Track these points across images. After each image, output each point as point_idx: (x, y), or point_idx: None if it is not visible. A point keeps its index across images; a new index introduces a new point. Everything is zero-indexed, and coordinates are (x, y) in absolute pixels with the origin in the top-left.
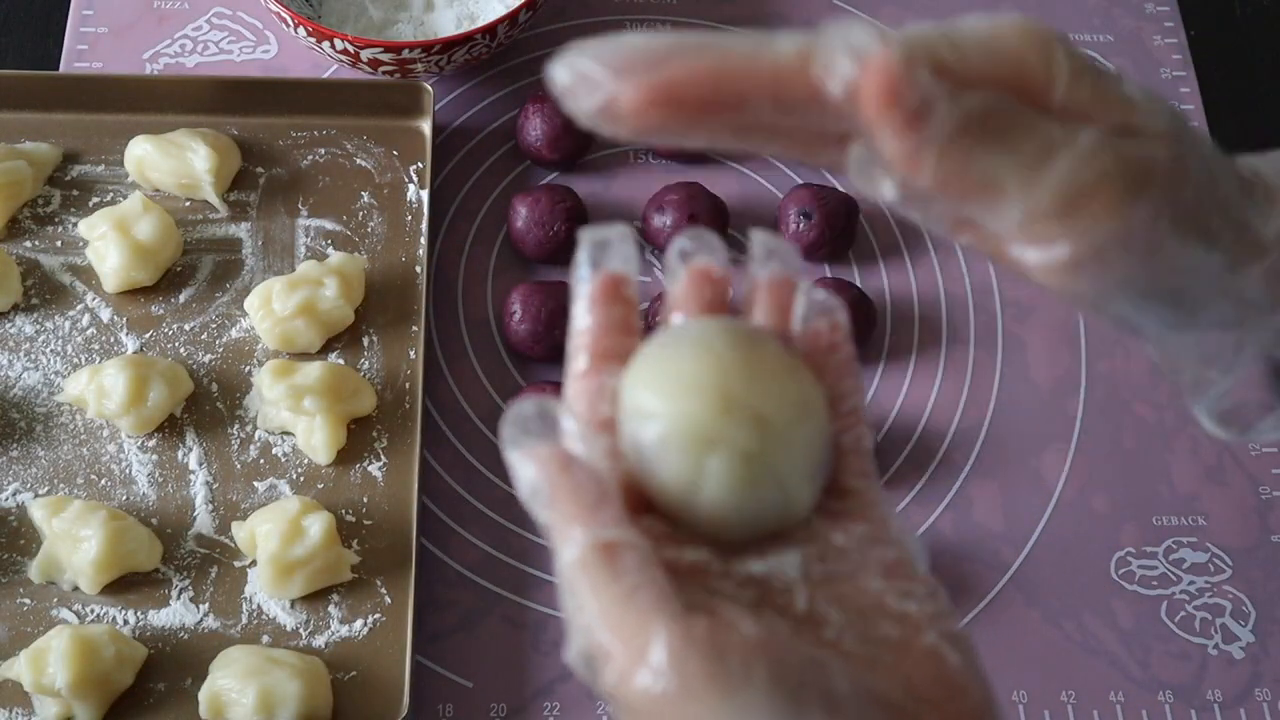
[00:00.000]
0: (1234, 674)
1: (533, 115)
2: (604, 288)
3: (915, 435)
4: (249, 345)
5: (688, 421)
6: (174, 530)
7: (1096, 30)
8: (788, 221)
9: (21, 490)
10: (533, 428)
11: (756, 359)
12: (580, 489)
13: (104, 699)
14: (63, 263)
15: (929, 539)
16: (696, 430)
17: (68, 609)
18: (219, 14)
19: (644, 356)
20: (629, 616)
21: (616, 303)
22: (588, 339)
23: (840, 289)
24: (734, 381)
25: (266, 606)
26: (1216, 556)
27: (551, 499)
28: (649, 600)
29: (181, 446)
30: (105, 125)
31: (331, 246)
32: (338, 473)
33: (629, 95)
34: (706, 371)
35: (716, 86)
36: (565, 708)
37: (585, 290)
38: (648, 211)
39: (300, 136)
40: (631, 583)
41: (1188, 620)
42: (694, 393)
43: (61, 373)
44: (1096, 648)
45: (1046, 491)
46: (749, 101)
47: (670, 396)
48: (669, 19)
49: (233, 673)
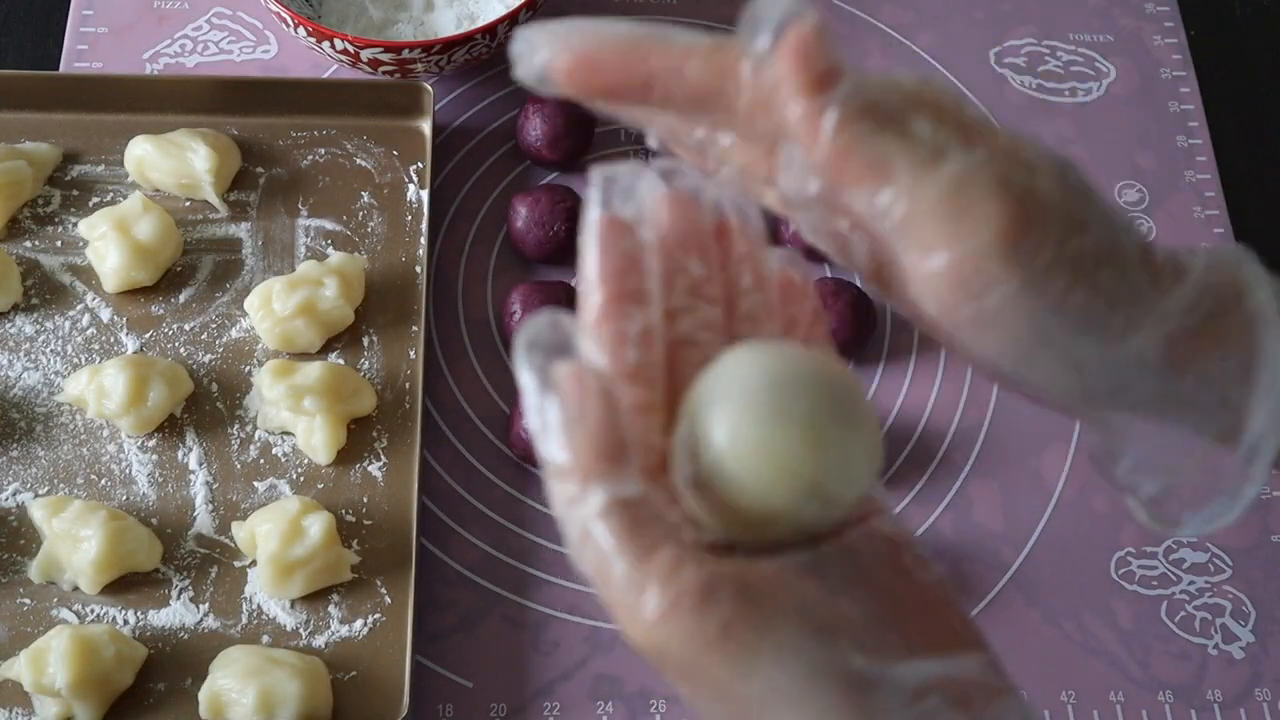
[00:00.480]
0: (1234, 674)
1: (533, 115)
2: (608, 227)
3: (915, 435)
4: (249, 345)
5: (775, 446)
6: (174, 530)
7: (1096, 30)
8: (788, 222)
9: (21, 490)
10: (551, 352)
11: (838, 401)
12: (603, 433)
13: (104, 699)
14: (63, 263)
15: (929, 539)
16: (780, 460)
17: (68, 609)
18: (219, 14)
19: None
20: (655, 564)
21: (625, 240)
22: (599, 282)
23: (840, 289)
24: (824, 423)
25: (266, 606)
26: (1216, 556)
27: (568, 440)
28: (673, 550)
29: (181, 446)
30: (105, 125)
31: (331, 246)
32: (338, 473)
33: (560, 61)
34: (797, 405)
35: (627, 63)
36: (565, 708)
37: (592, 231)
38: None
39: (300, 136)
40: (656, 535)
41: (1188, 620)
42: (785, 420)
43: (61, 373)
44: (1096, 648)
45: (1046, 491)
46: (655, 80)
47: (761, 419)
48: (669, 19)
49: (233, 673)
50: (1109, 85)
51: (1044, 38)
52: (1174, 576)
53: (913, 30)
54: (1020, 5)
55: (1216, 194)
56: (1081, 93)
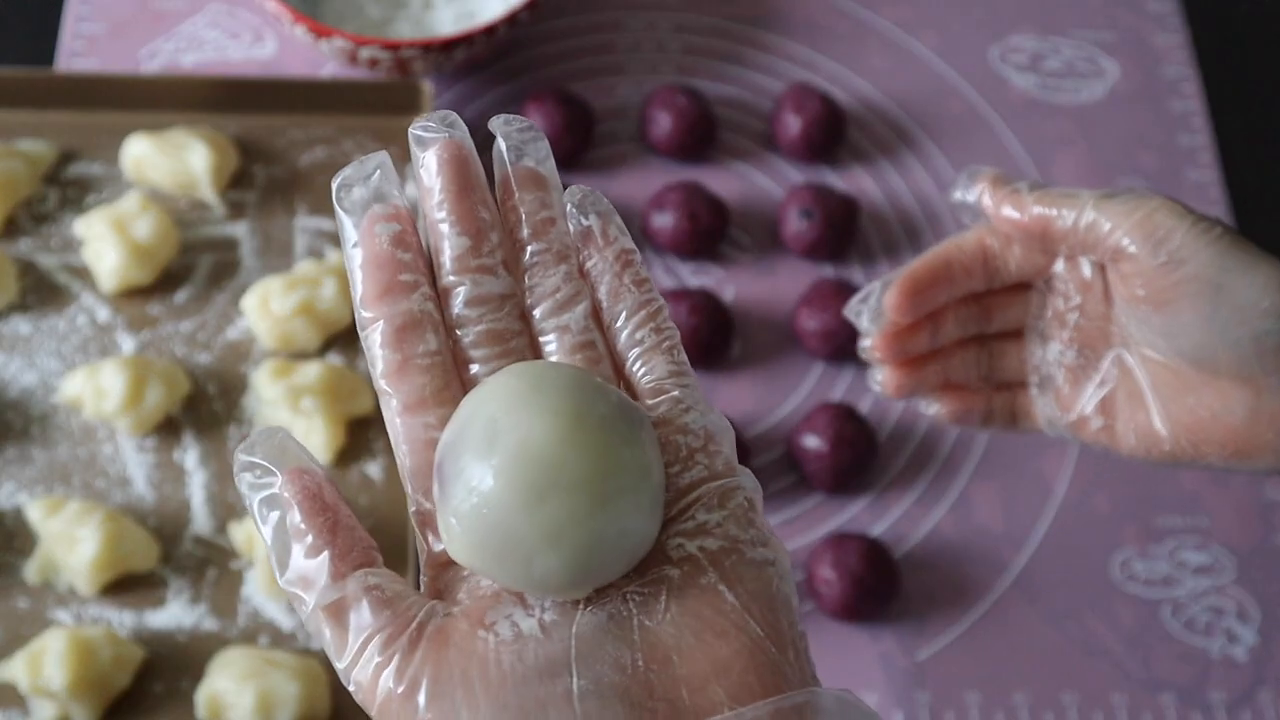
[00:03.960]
0: (1237, 676)
1: (532, 114)
2: (365, 229)
3: (918, 437)
4: (247, 345)
5: (518, 490)
6: (171, 531)
7: (1099, 29)
8: (788, 221)
9: (18, 491)
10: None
11: (587, 424)
12: (313, 549)
13: (101, 701)
14: (59, 262)
15: (931, 540)
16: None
17: (64, 610)
18: (217, 12)
19: (473, 411)
20: (350, 653)
21: (383, 237)
22: (363, 282)
23: (841, 289)
24: (568, 458)
25: (264, 608)
26: (1220, 558)
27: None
28: (363, 642)
29: (179, 447)
30: (102, 124)
31: (330, 246)
32: (336, 473)
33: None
34: (539, 441)
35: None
36: None
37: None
38: (648, 211)
39: (298, 135)
40: (357, 627)
41: (1191, 622)
42: (525, 463)
43: (58, 373)
44: (1098, 649)
45: (1048, 492)
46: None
47: (498, 467)
48: (669, 17)
49: (231, 674)
50: (1111, 84)
51: (1045, 35)
52: (1177, 577)
53: (914, 28)
54: (1021, 3)
55: (1219, 193)
56: (1084, 91)
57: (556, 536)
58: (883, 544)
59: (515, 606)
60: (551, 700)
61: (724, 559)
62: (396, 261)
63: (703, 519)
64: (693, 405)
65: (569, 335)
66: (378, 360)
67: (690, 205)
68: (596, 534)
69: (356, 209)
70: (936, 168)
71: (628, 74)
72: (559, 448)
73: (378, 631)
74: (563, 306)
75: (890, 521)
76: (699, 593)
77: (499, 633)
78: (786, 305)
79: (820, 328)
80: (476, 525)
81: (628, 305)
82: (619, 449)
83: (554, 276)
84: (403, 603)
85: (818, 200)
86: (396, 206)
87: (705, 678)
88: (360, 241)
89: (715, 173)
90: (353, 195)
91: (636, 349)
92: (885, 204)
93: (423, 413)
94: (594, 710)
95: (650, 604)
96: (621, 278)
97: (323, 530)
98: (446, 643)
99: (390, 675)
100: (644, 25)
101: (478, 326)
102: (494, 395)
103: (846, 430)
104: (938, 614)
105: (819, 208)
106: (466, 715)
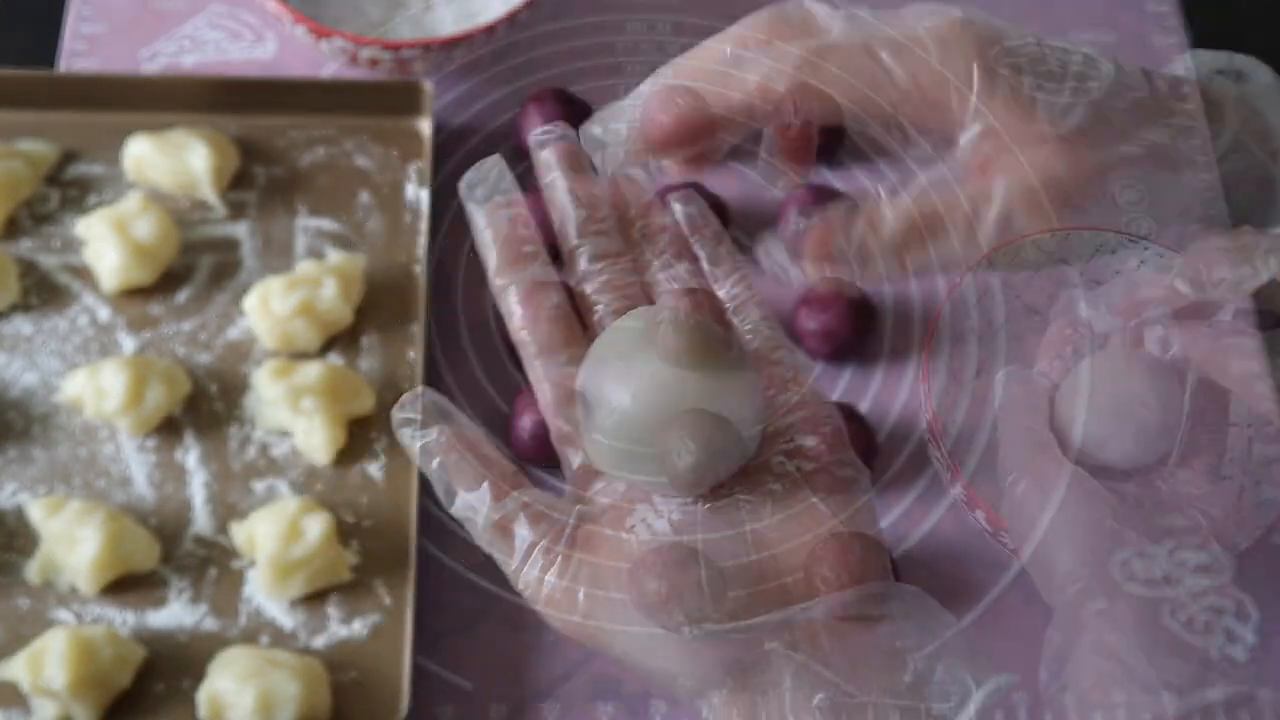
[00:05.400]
0: (1236, 676)
1: (533, 115)
2: (492, 212)
3: (917, 437)
4: (247, 345)
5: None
6: (172, 531)
7: (1099, 28)
8: (788, 221)
9: (19, 491)
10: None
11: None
12: (476, 479)
13: (102, 700)
14: (60, 262)
15: (930, 539)
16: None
17: (65, 610)
18: (217, 12)
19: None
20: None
21: (509, 217)
22: (498, 246)
23: (841, 289)
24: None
25: (265, 607)
26: (1219, 557)
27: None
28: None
29: (180, 447)
30: (103, 124)
31: (330, 246)
32: (337, 473)
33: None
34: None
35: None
36: (565, 708)
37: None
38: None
39: (299, 136)
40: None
41: (1190, 622)
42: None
43: (59, 373)
44: (1098, 648)
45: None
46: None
47: (635, 393)
48: (669, 17)
49: (231, 674)
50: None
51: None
52: (1176, 577)
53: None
54: (1021, 3)
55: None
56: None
57: (680, 444)
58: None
59: (648, 510)
60: (686, 585)
61: (817, 476)
62: (519, 237)
63: (800, 442)
64: (781, 344)
65: (677, 284)
66: (514, 315)
67: None
68: (713, 441)
69: (482, 202)
70: (936, 168)
71: (628, 74)
72: (679, 374)
73: (539, 540)
74: (670, 264)
75: (890, 521)
76: (798, 503)
77: (638, 534)
78: (786, 305)
79: (820, 328)
80: (619, 438)
81: (725, 268)
82: (727, 374)
83: (661, 241)
84: (554, 513)
85: (818, 201)
86: (514, 197)
87: (804, 568)
88: (488, 225)
89: (715, 173)
90: (477, 192)
91: (733, 302)
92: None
93: (554, 354)
94: (720, 591)
95: (759, 510)
96: (718, 249)
97: (478, 465)
98: (596, 547)
99: (554, 575)
100: (644, 25)
101: (601, 277)
102: (623, 334)
103: (846, 430)
104: None
105: (819, 208)
106: (618, 599)
